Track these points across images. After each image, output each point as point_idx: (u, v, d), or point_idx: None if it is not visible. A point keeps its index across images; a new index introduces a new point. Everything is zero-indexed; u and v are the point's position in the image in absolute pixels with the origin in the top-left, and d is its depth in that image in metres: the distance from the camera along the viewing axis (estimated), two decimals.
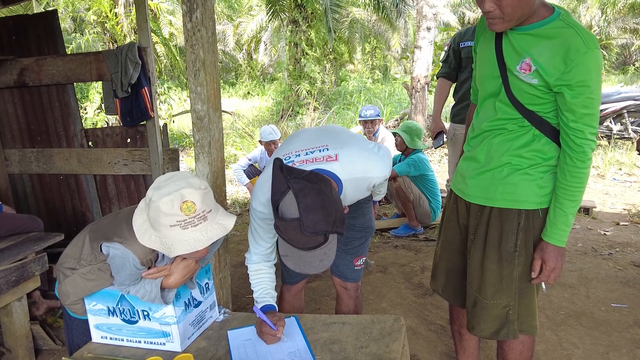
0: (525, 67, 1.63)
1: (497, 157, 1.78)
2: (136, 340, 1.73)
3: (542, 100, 1.66)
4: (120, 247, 1.57)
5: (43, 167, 3.88)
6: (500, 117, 1.76)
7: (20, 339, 2.62)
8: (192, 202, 1.46)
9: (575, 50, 1.53)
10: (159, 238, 1.49)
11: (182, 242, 1.47)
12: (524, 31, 1.63)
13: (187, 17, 2.09)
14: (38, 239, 2.79)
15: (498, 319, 1.87)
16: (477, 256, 1.88)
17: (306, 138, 1.89)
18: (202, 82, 2.13)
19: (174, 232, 1.47)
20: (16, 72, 3.71)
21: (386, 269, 3.81)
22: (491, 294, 1.85)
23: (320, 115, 11.45)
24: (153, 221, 1.49)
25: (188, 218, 1.46)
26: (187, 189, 1.46)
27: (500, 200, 1.79)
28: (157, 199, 1.45)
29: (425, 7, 8.99)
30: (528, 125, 1.72)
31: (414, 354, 2.62)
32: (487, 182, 1.82)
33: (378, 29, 18.72)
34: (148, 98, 3.39)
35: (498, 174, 1.79)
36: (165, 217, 1.45)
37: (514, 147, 1.75)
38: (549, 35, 1.58)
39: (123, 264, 1.58)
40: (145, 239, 1.51)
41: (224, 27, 22.29)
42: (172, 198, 1.44)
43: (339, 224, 1.46)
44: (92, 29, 12.07)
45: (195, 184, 1.49)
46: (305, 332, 1.73)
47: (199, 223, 1.48)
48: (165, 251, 1.49)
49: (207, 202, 1.50)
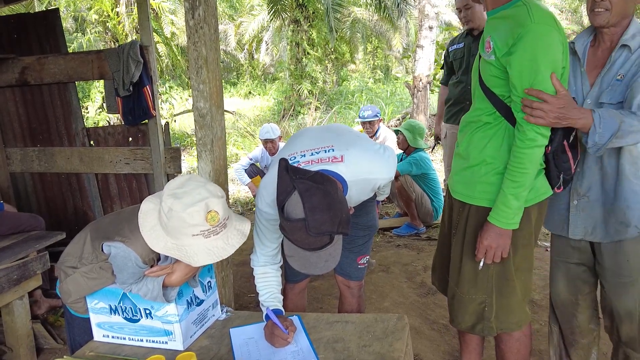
0: (487, 46, 1.69)
1: (475, 154, 1.80)
2: (138, 339, 1.72)
3: (501, 81, 1.67)
4: (122, 247, 1.56)
5: (45, 165, 3.87)
6: (476, 107, 1.81)
7: (21, 337, 2.61)
8: (216, 211, 1.46)
9: (520, 25, 1.56)
10: (178, 246, 1.48)
11: (206, 251, 1.46)
12: (491, 15, 1.72)
13: (189, 14, 2.08)
14: (39, 237, 2.79)
15: (475, 314, 1.90)
16: (456, 251, 1.92)
17: (311, 138, 1.88)
18: (205, 80, 2.12)
19: (196, 241, 1.46)
20: (18, 71, 3.71)
21: (388, 268, 3.80)
22: (467, 289, 1.88)
23: (322, 115, 11.44)
24: (173, 229, 1.47)
25: (212, 227, 1.46)
26: (211, 199, 1.45)
27: (478, 198, 1.82)
28: (181, 210, 1.43)
29: (427, 6, 8.99)
30: (500, 118, 1.73)
31: (417, 353, 2.61)
32: (467, 179, 1.85)
33: (379, 28, 18.69)
34: (150, 97, 3.38)
35: (477, 171, 1.81)
36: (189, 228, 1.44)
37: (490, 145, 1.76)
38: (506, 15, 1.64)
39: (125, 263, 1.57)
40: (159, 246, 1.49)
41: (226, 26, 22.27)
42: (198, 209, 1.43)
43: (345, 224, 1.45)
44: (93, 29, 12.09)
45: (215, 192, 1.49)
46: (308, 331, 1.72)
47: (220, 231, 1.48)
48: (185, 259, 1.47)
49: (226, 210, 1.51)
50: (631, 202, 1.73)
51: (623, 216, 1.75)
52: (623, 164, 1.73)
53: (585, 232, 1.86)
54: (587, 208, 1.83)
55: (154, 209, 1.55)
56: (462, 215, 1.88)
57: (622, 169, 1.73)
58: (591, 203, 1.82)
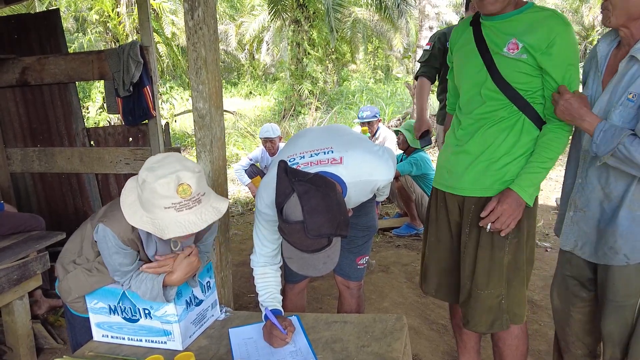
0: (513, 46, 1.75)
1: (493, 148, 1.82)
2: (137, 339, 1.73)
3: (530, 77, 1.76)
4: (101, 227, 1.56)
5: (45, 166, 3.88)
6: (488, 104, 1.83)
7: (21, 337, 2.61)
8: (188, 185, 1.45)
9: (555, 26, 1.70)
10: (151, 219, 1.47)
11: (177, 224, 1.45)
12: (505, 19, 1.78)
13: (188, 15, 2.08)
14: (40, 237, 2.79)
15: (492, 311, 1.90)
16: (471, 247, 1.91)
17: (311, 139, 1.88)
18: (204, 80, 2.12)
19: (168, 214, 1.45)
20: (18, 71, 3.71)
21: (388, 268, 3.80)
22: (484, 283, 1.88)
23: (322, 115, 11.44)
24: (146, 202, 1.47)
25: (183, 201, 1.45)
26: (183, 171, 1.45)
27: (497, 190, 1.83)
28: (153, 181, 1.44)
29: (427, 7, 9.01)
30: (516, 111, 1.79)
31: (416, 353, 2.61)
32: (481, 172, 1.85)
33: (380, 28, 18.68)
34: (150, 97, 3.38)
35: (493, 164, 1.83)
36: (160, 199, 1.44)
37: (508, 139, 1.80)
38: (529, 18, 1.75)
39: (105, 244, 1.57)
40: (135, 220, 1.49)
41: (226, 26, 22.27)
42: (169, 180, 1.43)
43: (343, 227, 1.46)
44: (94, 29, 12.09)
45: (190, 167, 1.48)
46: (307, 331, 1.73)
47: (194, 206, 1.47)
48: (158, 233, 1.47)
49: (201, 185, 1.50)
50: (625, 230, 1.63)
51: (614, 242, 1.65)
52: (630, 192, 1.62)
53: (574, 245, 1.80)
54: (581, 222, 1.76)
55: (136, 186, 1.55)
56: (477, 211, 1.86)
57: (627, 196, 1.62)
58: (586, 218, 1.74)
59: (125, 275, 1.62)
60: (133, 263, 1.62)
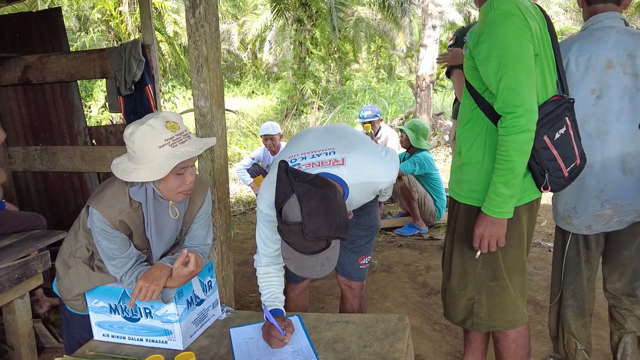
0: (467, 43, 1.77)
1: (464, 152, 1.84)
2: (138, 338, 1.72)
3: (476, 73, 1.71)
4: (89, 211, 1.57)
5: (47, 164, 3.87)
6: (462, 103, 1.86)
7: (22, 336, 2.61)
8: (174, 121, 1.51)
9: (484, 14, 1.63)
10: (149, 166, 1.48)
11: (175, 156, 1.48)
12: None
13: (190, 12, 2.07)
14: (41, 236, 2.78)
15: (464, 309, 1.95)
16: (449, 247, 1.97)
17: (312, 140, 1.87)
18: (205, 79, 2.11)
19: (164, 151, 1.48)
20: (20, 70, 3.70)
21: (390, 268, 3.79)
22: (456, 284, 1.95)
23: (325, 114, 11.43)
24: (139, 150, 1.48)
25: (175, 135, 1.49)
26: (164, 113, 1.52)
27: (465, 197, 1.84)
28: (141, 123, 1.48)
29: (430, 5, 8.97)
30: (481, 114, 1.75)
31: (418, 353, 2.59)
32: (458, 177, 1.88)
33: (383, 27, 18.66)
34: (152, 96, 3.38)
35: (465, 170, 1.83)
36: (153, 138, 1.47)
37: (475, 145, 1.78)
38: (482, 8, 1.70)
39: (92, 227, 1.57)
40: (132, 176, 1.49)
41: (229, 26, 22.26)
42: (155, 119, 1.49)
43: (342, 229, 1.45)
44: (96, 28, 12.11)
45: (170, 113, 1.55)
46: (308, 331, 1.72)
47: (186, 140, 1.53)
48: (160, 174, 1.47)
49: (186, 128, 1.56)
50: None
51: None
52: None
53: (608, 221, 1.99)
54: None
55: (122, 157, 1.59)
56: (453, 212, 1.94)
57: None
58: None
59: (120, 270, 1.60)
60: (123, 249, 1.60)
